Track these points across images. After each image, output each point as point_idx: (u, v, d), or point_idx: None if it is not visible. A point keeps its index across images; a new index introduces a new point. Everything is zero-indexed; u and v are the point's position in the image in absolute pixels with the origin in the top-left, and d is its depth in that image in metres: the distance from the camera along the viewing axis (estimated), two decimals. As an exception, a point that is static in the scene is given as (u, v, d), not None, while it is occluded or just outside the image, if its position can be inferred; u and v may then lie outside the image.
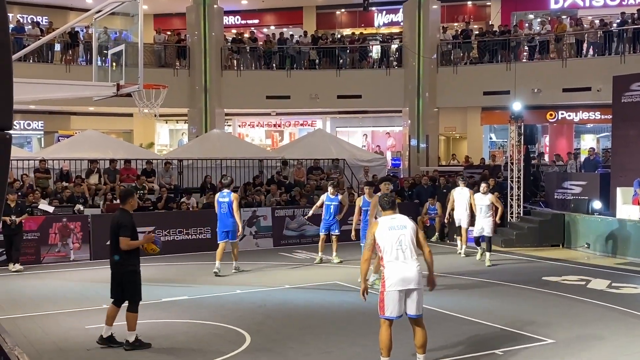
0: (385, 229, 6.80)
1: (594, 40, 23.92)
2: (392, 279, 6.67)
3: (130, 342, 7.95)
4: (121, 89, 9.33)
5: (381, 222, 6.90)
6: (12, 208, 13.37)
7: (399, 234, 6.74)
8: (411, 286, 6.64)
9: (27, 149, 28.24)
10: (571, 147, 27.82)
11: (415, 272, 6.68)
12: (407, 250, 6.71)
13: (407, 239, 6.74)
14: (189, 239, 16.23)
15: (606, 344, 8.04)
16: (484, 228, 14.14)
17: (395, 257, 6.70)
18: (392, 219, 6.90)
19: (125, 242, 7.85)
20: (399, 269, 6.66)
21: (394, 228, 6.78)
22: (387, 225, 6.82)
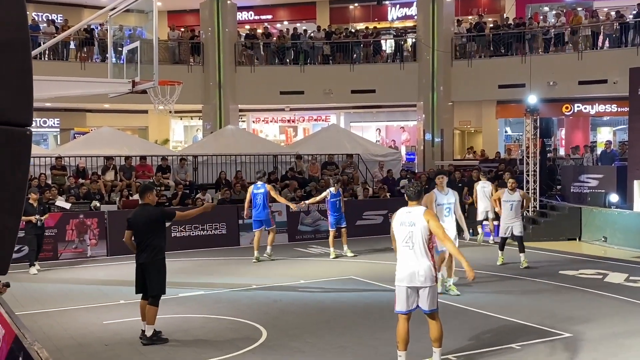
0: (397, 223, 6.74)
1: (610, 32, 23.69)
2: (400, 274, 6.67)
3: (148, 336, 8.03)
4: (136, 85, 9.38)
5: (397, 215, 6.82)
6: (35, 207, 13.04)
7: (408, 230, 6.65)
8: (419, 284, 6.60)
9: (43, 146, 28.42)
10: (587, 140, 27.57)
11: (423, 270, 6.58)
12: (415, 247, 6.61)
13: (417, 236, 6.61)
14: (204, 234, 16.30)
15: (624, 337, 7.98)
16: (514, 228, 13.03)
17: (404, 253, 6.67)
18: (408, 212, 6.75)
19: (180, 214, 8.81)
20: (407, 266, 6.62)
21: (404, 224, 6.69)
22: (400, 219, 6.73)
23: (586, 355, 7.32)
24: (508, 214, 13.03)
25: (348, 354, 7.53)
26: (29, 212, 12.71)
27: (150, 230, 8.04)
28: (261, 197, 14.01)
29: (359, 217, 17.84)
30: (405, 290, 6.63)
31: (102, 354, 7.70)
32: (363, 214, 17.87)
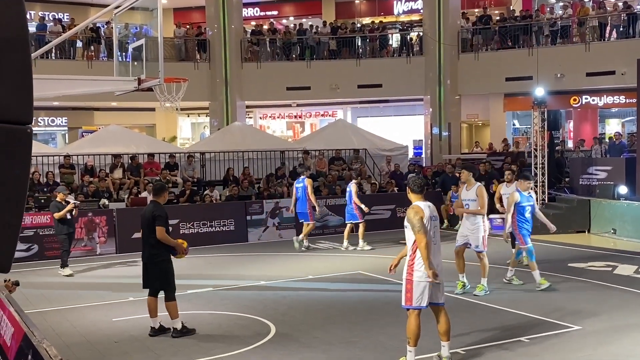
0: (429, 218, 6.63)
1: (617, 23, 23.53)
2: (423, 271, 6.57)
3: (178, 329, 8.14)
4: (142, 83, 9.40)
5: (424, 210, 6.61)
6: (64, 206, 12.74)
7: (433, 225, 6.67)
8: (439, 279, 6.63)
9: (51, 145, 28.55)
10: (596, 132, 27.43)
11: (441, 264, 6.74)
12: (437, 243, 6.73)
13: (438, 231, 6.76)
14: (212, 231, 16.33)
15: (634, 330, 7.95)
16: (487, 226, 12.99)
17: (432, 250, 6.60)
18: (429, 207, 6.70)
19: (162, 232, 8.06)
20: (434, 263, 6.59)
21: (434, 218, 6.69)
22: (428, 214, 6.64)
23: (595, 348, 7.29)
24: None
25: (356, 348, 7.54)
26: (60, 210, 12.59)
27: (147, 228, 8.17)
28: (301, 190, 14.83)
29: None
30: (428, 285, 6.57)
31: (111, 351, 7.73)
32: (371, 209, 17.81)
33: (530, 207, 10.53)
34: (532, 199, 10.66)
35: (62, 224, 12.60)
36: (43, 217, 14.75)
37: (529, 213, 10.51)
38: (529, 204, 10.52)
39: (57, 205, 12.59)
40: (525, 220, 10.48)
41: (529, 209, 10.50)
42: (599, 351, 7.20)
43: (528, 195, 10.59)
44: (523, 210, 10.46)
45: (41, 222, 14.66)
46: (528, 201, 10.50)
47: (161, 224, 8.05)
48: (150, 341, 8.04)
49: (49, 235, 14.64)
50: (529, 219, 10.50)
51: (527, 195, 10.54)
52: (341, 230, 17.50)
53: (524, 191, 10.55)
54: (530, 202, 10.57)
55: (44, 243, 14.65)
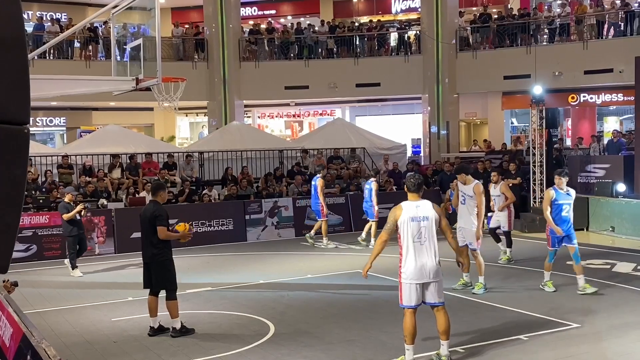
0: (407, 219, 6.64)
1: (615, 21, 23.55)
2: (409, 272, 6.62)
3: (178, 329, 8.15)
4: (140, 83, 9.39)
5: (405, 209, 6.70)
6: (73, 207, 12.59)
7: (420, 226, 6.61)
8: (428, 280, 6.62)
9: (50, 145, 28.55)
10: (594, 130, 27.45)
11: (433, 265, 6.61)
12: (426, 243, 6.61)
13: (429, 231, 6.61)
14: (211, 230, 16.33)
15: (633, 328, 7.96)
16: (500, 221, 12.79)
17: (414, 250, 6.62)
18: (417, 207, 6.69)
19: (164, 232, 8.08)
20: (417, 262, 6.60)
21: (416, 219, 6.62)
22: (410, 214, 6.65)
23: (594, 346, 7.30)
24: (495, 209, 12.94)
25: (356, 347, 7.54)
26: (70, 211, 12.54)
27: (147, 228, 8.17)
28: (313, 188, 15.49)
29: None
30: (414, 286, 6.61)
31: (110, 351, 7.73)
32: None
33: (569, 205, 9.91)
34: (571, 196, 9.96)
35: (70, 225, 12.53)
36: (42, 217, 14.74)
37: (567, 212, 9.89)
38: (567, 202, 9.90)
39: (66, 206, 12.54)
40: (562, 219, 9.88)
41: (566, 208, 9.88)
42: (597, 349, 7.21)
43: (565, 193, 9.94)
44: (559, 209, 9.88)
45: (40, 223, 14.65)
46: (565, 199, 9.89)
47: (162, 224, 8.07)
48: (150, 341, 8.05)
49: (48, 236, 14.65)
50: (566, 218, 9.88)
51: (564, 193, 9.92)
52: (340, 229, 17.56)
53: (560, 188, 9.95)
54: (568, 200, 9.93)
55: (42, 243, 14.63)
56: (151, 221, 8.09)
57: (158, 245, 8.11)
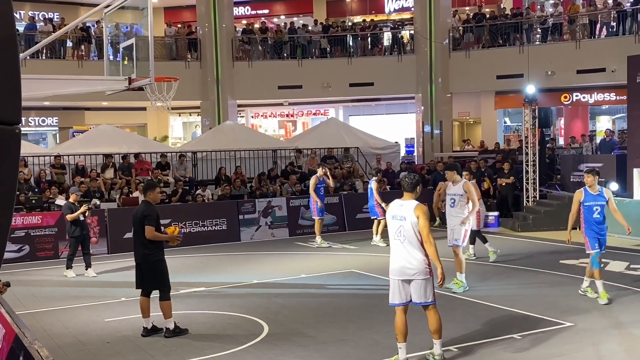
0: (390, 217, 6.78)
1: (607, 21, 23.63)
2: (392, 267, 6.73)
3: (171, 329, 8.14)
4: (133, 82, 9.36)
5: (391, 207, 6.84)
6: (78, 207, 12.51)
7: (399, 225, 6.67)
8: (410, 277, 6.63)
9: (42, 145, 28.44)
10: (586, 129, 27.54)
11: (415, 263, 6.58)
12: (405, 242, 6.61)
13: (408, 230, 6.61)
14: (204, 230, 16.30)
15: (625, 326, 7.99)
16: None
17: (395, 246, 6.71)
18: (400, 206, 6.74)
19: (151, 232, 8.02)
20: (397, 259, 6.66)
21: (395, 217, 6.71)
22: (392, 213, 6.76)
23: (587, 345, 7.32)
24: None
25: (349, 347, 7.54)
26: (74, 211, 12.47)
27: (138, 228, 8.15)
28: (369, 191, 15.55)
29: (359, 210, 17.85)
30: (397, 283, 6.67)
31: (103, 352, 7.71)
32: (363, 207, 17.84)
33: (600, 207, 9.31)
34: (603, 197, 9.34)
35: (74, 225, 12.45)
36: (34, 217, 14.69)
37: (599, 214, 9.32)
38: (597, 204, 9.31)
39: (71, 207, 12.48)
40: (593, 221, 9.35)
41: (597, 209, 9.29)
42: (590, 347, 7.23)
43: (596, 194, 9.33)
44: (589, 211, 9.33)
45: (32, 223, 14.60)
46: (596, 200, 9.30)
47: (150, 224, 8.04)
48: (143, 341, 8.02)
49: (40, 236, 14.61)
50: (597, 220, 9.32)
51: (594, 194, 9.33)
52: (334, 229, 17.56)
53: (591, 188, 9.38)
54: (599, 201, 9.31)
55: (35, 244, 14.58)
56: (141, 221, 8.08)
57: (149, 246, 8.10)
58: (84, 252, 12.68)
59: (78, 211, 12.35)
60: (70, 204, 12.52)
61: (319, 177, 15.42)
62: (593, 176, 9.39)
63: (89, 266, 12.58)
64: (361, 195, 18.24)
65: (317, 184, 15.35)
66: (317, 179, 15.37)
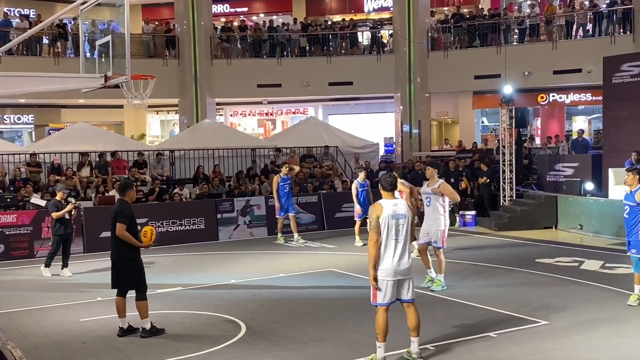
0: (388, 216, 6.67)
1: (584, 22, 23.90)
2: (386, 268, 6.66)
3: (147, 329, 8.07)
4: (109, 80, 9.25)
5: (385, 207, 6.72)
6: (64, 205, 12.35)
7: (398, 224, 6.66)
8: (403, 276, 6.69)
9: (18, 143, 28.09)
10: (563, 129, 27.86)
11: (407, 263, 6.71)
12: (402, 242, 6.67)
13: (406, 229, 6.68)
14: (182, 229, 16.20)
15: (600, 324, 8.08)
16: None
17: (392, 248, 6.65)
18: (395, 205, 6.75)
19: (121, 229, 7.94)
20: (393, 259, 6.64)
21: (395, 217, 6.67)
22: (390, 212, 6.68)
23: (562, 343, 7.40)
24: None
25: (328, 346, 7.54)
26: (60, 209, 12.29)
27: (113, 227, 8.07)
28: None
29: (337, 210, 17.86)
30: (390, 283, 6.65)
31: (79, 352, 7.62)
32: (342, 206, 17.88)
33: (628, 207, 8.92)
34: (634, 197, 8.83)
35: (59, 223, 12.28)
36: (9, 216, 14.51)
37: (627, 214, 8.96)
38: (627, 203, 8.95)
39: (57, 204, 12.31)
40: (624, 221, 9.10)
41: (626, 209, 8.96)
42: (566, 345, 7.30)
43: (629, 193, 8.90)
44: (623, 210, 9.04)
45: (7, 222, 14.41)
46: (627, 200, 8.97)
47: (122, 221, 7.95)
48: (119, 341, 7.95)
49: (15, 235, 14.44)
50: (626, 220, 9.01)
51: (628, 193, 8.97)
52: (312, 228, 17.55)
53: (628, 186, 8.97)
54: (629, 201, 8.90)
55: (9, 243, 14.39)
56: (114, 219, 8.01)
57: (124, 245, 8.02)
58: (64, 251, 12.52)
59: (64, 209, 12.21)
60: (57, 202, 12.37)
61: (282, 175, 15.55)
62: (633, 174, 8.94)
63: (66, 266, 12.43)
64: (340, 195, 18.27)
65: (279, 182, 15.43)
66: (280, 178, 15.50)
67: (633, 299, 8.93)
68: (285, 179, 15.54)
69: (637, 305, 8.82)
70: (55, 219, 12.19)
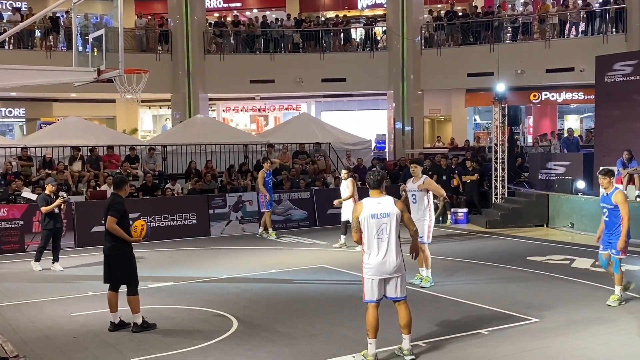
0: (368, 216, 6.64)
1: (577, 21, 23.97)
2: (370, 266, 6.66)
3: (139, 324, 8.05)
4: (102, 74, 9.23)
5: (365, 206, 6.70)
6: (54, 199, 12.24)
7: (381, 223, 6.61)
8: (389, 275, 6.66)
9: (9, 136, 27.93)
10: (555, 128, 27.95)
11: (394, 262, 6.63)
12: (386, 240, 6.61)
13: (390, 228, 6.61)
14: (174, 225, 16.16)
15: (591, 322, 8.11)
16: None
17: (375, 247, 6.63)
18: (378, 203, 6.69)
19: (112, 222, 7.93)
20: (378, 260, 6.63)
21: (376, 216, 6.62)
22: (370, 211, 6.65)
23: (553, 340, 7.43)
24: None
25: (319, 342, 7.54)
26: (49, 203, 12.21)
27: (105, 220, 8.06)
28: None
29: (330, 206, 17.81)
30: (375, 281, 6.66)
31: (70, 346, 7.60)
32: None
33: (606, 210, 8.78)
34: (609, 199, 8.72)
35: (48, 217, 12.17)
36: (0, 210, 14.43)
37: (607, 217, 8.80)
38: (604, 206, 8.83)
39: (46, 198, 12.21)
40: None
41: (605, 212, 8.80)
42: (556, 343, 7.33)
43: (606, 195, 8.73)
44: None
45: (-4, 216, 14.35)
46: (603, 202, 8.89)
47: (113, 215, 7.94)
48: (110, 336, 7.93)
49: (6, 229, 14.40)
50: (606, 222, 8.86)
51: (604, 195, 8.82)
52: (304, 224, 17.56)
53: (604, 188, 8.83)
54: (605, 203, 8.76)
55: (0, 237, 14.32)
56: (107, 213, 7.99)
57: (116, 239, 8.00)
58: (54, 245, 12.45)
59: (54, 204, 12.14)
60: (46, 196, 12.28)
61: (266, 170, 15.76)
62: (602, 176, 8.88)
63: (57, 260, 12.38)
64: (332, 191, 18.22)
65: (265, 177, 15.63)
66: (265, 172, 15.70)
67: (613, 300, 8.91)
68: (269, 173, 15.87)
69: (616, 305, 8.81)
70: (45, 213, 12.12)
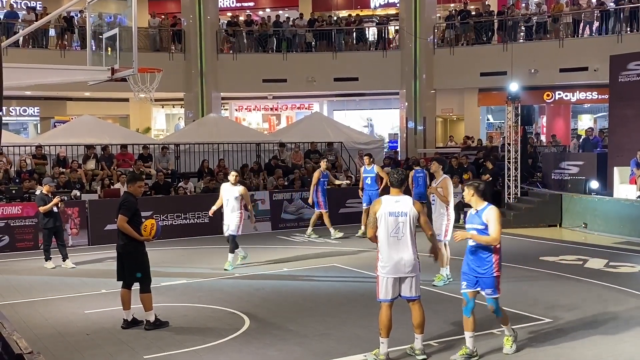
0: (385, 213, 6.69)
1: (591, 20, 23.81)
2: (385, 265, 6.68)
3: (151, 322, 8.10)
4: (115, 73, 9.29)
5: (384, 203, 6.76)
6: (51, 198, 12.29)
7: (398, 222, 6.65)
8: (404, 275, 6.69)
9: (23, 135, 28.15)
10: (568, 128, 27.80)
11: (410, 260, 6.67)
12: (403, 238, 6.66)
13: (406, 227, 6.66)
14: (186, 223, 16.23)
15: (603, 322, 8.08)
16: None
17: (391, 244, 6.66)
18: (396, 202, 6.75)
19: (122, 221, 8.00)
20: (393, 258, 6.65)
21: (394, 214, 6.67)
22: (389, 209, 6.69)
23: (565, 341, 7.40)
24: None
25: (331, 340, 7.55)
26: (47, 203, 12.29)
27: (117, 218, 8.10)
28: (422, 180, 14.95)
29: (342, 205, 17.85)
30: (391, 280, 6.66)
31: (83, 344, 7.66)
32: (346, 202, 17.89)
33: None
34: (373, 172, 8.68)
35: (47, 217, 12.29)
36: (14, 208, 14.55)
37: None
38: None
39: (43, 198, 12.31)
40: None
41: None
42: (568, 343, 7.31)
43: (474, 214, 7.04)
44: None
45: (12, 214, 14.46)
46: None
47: (124, 213, 8.00)
48: (123, 334, 7.99)
49: (20, 227, 14.48)
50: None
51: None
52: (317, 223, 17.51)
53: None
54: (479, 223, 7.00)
55: (15, 234, 14.44)
56: (118, 211, 8.05)
57: (129, 236, 8.05)
58: (59, 243, 12.56)
59: (51, 203, 12.23)
60: (44, 195, 12.37)
61: (322, 170, 15.39)
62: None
63: (66, 257, 12.48)
64: (344, 190, 18.23)
65: (320, 177, 15.26)
66: (321, 173, 15.34)
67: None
68: (325, 174, 15.40)
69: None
70: (43, 212, 12.23)
